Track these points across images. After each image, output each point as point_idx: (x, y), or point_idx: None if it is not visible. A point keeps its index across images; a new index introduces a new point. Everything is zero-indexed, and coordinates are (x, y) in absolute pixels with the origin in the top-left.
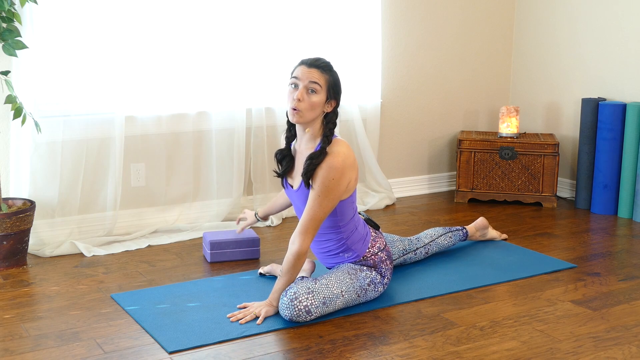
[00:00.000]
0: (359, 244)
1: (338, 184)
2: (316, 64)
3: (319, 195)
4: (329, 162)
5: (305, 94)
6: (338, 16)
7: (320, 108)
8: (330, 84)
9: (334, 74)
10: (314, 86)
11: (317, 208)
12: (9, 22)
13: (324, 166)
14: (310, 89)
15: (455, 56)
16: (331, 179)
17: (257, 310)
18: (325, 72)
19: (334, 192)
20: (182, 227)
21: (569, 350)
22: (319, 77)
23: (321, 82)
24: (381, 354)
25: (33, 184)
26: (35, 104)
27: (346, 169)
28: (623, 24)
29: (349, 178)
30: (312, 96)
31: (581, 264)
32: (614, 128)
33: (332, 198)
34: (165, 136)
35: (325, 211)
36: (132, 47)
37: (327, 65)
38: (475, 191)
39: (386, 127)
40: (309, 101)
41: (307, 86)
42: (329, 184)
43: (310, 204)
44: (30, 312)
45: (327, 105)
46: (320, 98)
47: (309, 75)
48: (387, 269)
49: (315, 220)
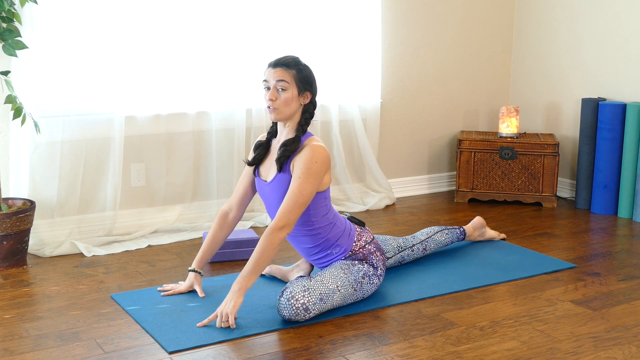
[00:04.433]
0: (344, 238)
1: (320, 168)
2: (280, 62)
3: (300, 177)
4: (311, 147)
5: (277, 93)
6: (338, 16)
7: (295, 102)
8: (298, 78)
9: (301, 68)
10: (281, 84)
11: (297, 192)
12: (9, 22)
13: (306, 151)
14: (279, 87)
15: (455, 56)
16: (314, 162)
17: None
18: (291, 68)
19: (315, 175)
20: (182, 227)
21: (569, 350)
22: (284, 74)
23: (287, 78)
24: (381, 354)
25: (33, 184)
26: (35, 104)
27: (326, 157)
28: (623, 24)
29: (327, 168)
30: (283, 93)
31: (581, 264)
32: (614, 128)
33: (313, 182)
34: (165, 136)
35: (305, 194)
36: (131, 47)
37: (291, 61)
38: (475, 191)
39: (386, 127)
40: (281, 98)
41: (275, 85)
42: (311, 166)
43: (291, 189)
44: (30, 312)
45: (303, 98)
46: (292, 93)
47: (275, 75)
48: (379, 260)
49: (297, 202)
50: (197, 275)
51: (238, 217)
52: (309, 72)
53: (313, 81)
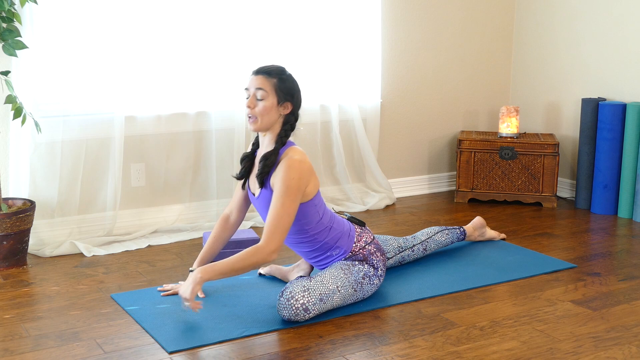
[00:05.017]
0: (343, 240)
1: (298, 183)
2: (262, 70)
3: (280, 195)
4: (287, 163)
5: (255, 101)
6: (338, 16)
7: (274, 111)
8: (278, 87)
9: (283, 77)
10: (260, 93)
11: (280, 209)
12: (9, 22)
13: (282, 167)
14: (258, 95)
15: (455, 56)
16: (291, 179)
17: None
18: (272, 77)
19: (295, 192)
20: (182, 227)
21: (569, 350)
22: (263, 83)
23: (266, 87)
24: (381, 354)
25: (33, 184)
26: (35, 104)
27: (303, 171)
28: (623, 24)
29: (307, 181)
30: (261, 102)
31: (581, 264)
32: (614, 128)
33: (294, 199)
34: (165, 136)
35: (289, 212)
36: (131, 47)
37: (274, 69)
38: (475, 191)
39: (386, 127)
40: (259, 107)
41: (254, 93)
42: (289, 184)
43: (273, 206)
44: (30, 312)
45: (282, 108)
46: (270, 102)
47: (255, 83)
48: (379, 261)
49: (280, 220)
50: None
51: (239, 220)
52: (291, 82)
53: (295, 92)
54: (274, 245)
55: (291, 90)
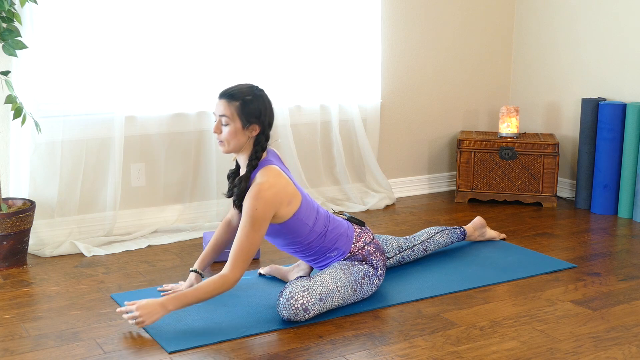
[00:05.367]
0: (341, 241)
1: (263, 213)
2: (225, 93)
3: (244, 225)
4: (251, 192)
5: (221, 126)
6: (338, 16)
7: (241, 135)
8: (241, 111)
9: (247, 100)
10: (223, 118)
11: (243, 238)
12: (9, 22)
13: (248, 196)
14: (223, 121)
15: (455, 56)
16: (254, 209)
17: (142, 319)
18: (235, 100)
19: (259, 222)
20: (182, 227)
21: (569, 350)
22: (225, 109)
23: (228, 113)
24: (381, 354)
25: (33, 184)
26: (35, 104)
27: (268, 199)
28: (623, 24)
29: (275, 206)
30: (226, 127)
31: (581, 264)
32: (614, 128)
33: (258, 228)
34: (165, 136)
35: (252, 242)
36: (132, 47)
37: (237, 92)
38: (475, 191)
39: (386, 127)
40: (225, 132)
41: (219, 119)
42: (252, 214)
43: (238, 235)
44: (30, 312)
45: (249, 131)
46: (235, 127)
47: (218, 109)
48: (379, 261)
49: (243, 251)
50: (198, 276)
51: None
52: (258, 103)
53: (262, 112)
54: (238, 274)
55: (256, 111)
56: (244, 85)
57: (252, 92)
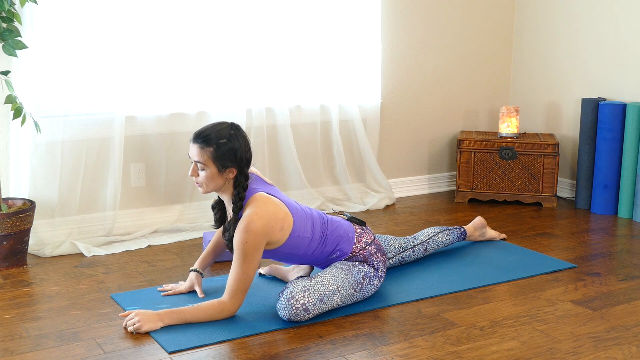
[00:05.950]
0: (342, 243)
1: (254, 245)
2: (199, 137)
3: (237, 258)
4: (240, 226)
5: (197, 170)
6: (338, 16)
7: (218, 178)
8: (215, 156)
9: (221, 144)
10: (199, 165)
11: (238, 270)
12: (9, 22)
13: (237, 230)
14: (198, 166)
15: (455, 56)
16: (245, 243)
17: (140, 324)
18: (208, 146)
19: (250, 254)
20: (182, 227)
21: (569, 350)
22: (200, 155)
23: (203, 159)
24: (381, 354)
25: (33, 184)
26: (35, 104)
27: (257, 230)
28: (623, 24)
29: (266, 236)
30: (202, 172)
31: (581, 264)
32: (614, 128)
33: (251, 259)
34: (165, 136)
35: (247, 273)
36: (132, 47)
37: (213, 135)
38: (475, 191)
39: (386, 127)
40: (201, 176)
41: (195, 164)
42: (244, 247)
43: (233, 267)
44: (30, 312)
45: (226, 174)
46: (211, 172)
47: (192, 153)
48: (380, 261)
49: (239, 282)
50: (198, 276)
51: None
52: (232, 145)
53: (237, 154)
54: (238, 303)
55: (231, 154)
56: (217, 126)
57: (226, 134)
